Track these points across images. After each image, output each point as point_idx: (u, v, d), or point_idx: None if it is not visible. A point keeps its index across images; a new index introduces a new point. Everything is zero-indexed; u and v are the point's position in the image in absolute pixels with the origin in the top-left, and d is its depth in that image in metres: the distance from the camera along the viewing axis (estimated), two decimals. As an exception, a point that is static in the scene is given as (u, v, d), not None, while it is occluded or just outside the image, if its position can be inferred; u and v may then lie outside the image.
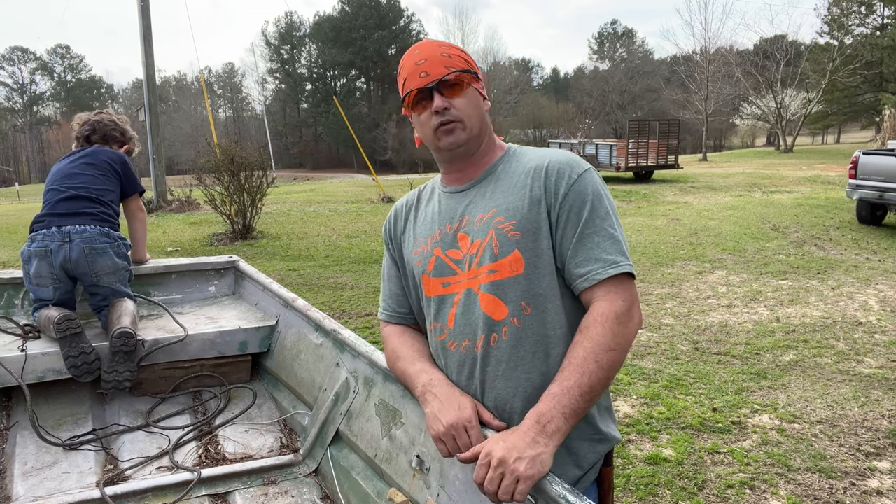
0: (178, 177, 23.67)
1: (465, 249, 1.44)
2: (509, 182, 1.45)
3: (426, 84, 1.41)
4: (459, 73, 1.43)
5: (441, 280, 1.47)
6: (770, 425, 3.88)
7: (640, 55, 70.77)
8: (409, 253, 1.56)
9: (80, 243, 2.73)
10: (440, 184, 1.58)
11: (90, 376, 2.44)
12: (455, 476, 1.57)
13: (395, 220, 1.65)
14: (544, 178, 1.40)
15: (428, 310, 1.52)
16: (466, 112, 1.43)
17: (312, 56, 67.75)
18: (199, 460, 2.26)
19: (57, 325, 2.43)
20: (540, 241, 1.37)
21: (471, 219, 1.45)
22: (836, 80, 34.88)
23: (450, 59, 1.43)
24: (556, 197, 1.38)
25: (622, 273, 1.33)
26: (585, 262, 1.34)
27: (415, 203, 1.62)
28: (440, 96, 1.41)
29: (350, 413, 2.10)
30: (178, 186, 17.32)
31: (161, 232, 11.82)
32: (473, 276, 1.41)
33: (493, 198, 1.44)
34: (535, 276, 1.37)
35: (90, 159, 3.02)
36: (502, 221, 1.40)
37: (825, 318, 5.98)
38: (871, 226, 10.82)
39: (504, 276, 1.37)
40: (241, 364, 2.78)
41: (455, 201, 1.50)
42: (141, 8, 15.37)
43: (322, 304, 6.62)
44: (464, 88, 1.44)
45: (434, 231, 1.51)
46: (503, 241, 1.38)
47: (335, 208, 15.91)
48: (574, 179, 1.38)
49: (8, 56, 68.20)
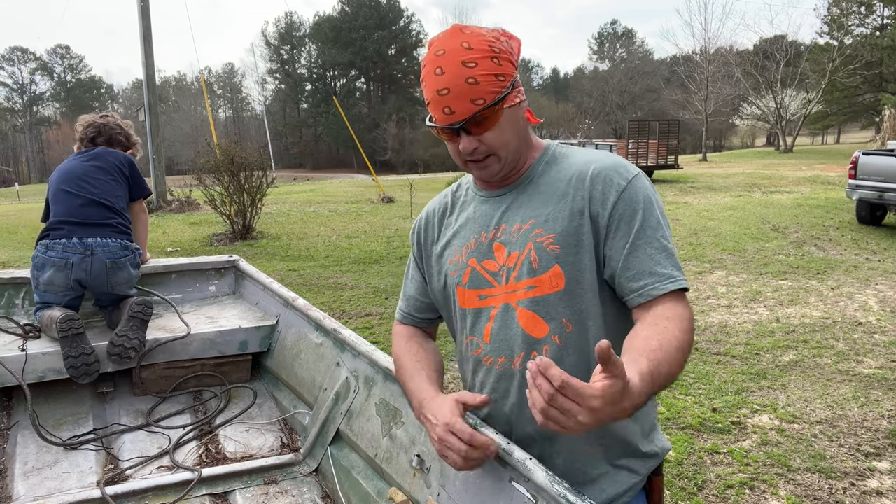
0: (177, 177, 23.67)
1: (501, 261, 1.34)
2: (548, 190, 1.33)
3: (450, 123, 1.25)
4: (490, 107, 1.24)
5: (477, 292, 1.38)
6: (770, 425, 3.89)
7: (640, 55, 70.82)
8: (444, 262, 1.46)
9: (102, 257, 2.75)
10: (473, 186, 1.46)
11: (88, 378, 2.45)
12: (455, 475, 1.57)
13: (426, 226, 1.54)
14: (589, 187, 1.28)
15: (462, 322, 1.43)
16: (500, 143, 1.28)
17: (312, 56, 67.78)
18: (199, 460, 2.26)
19: (60, 325, 2.44)
20: (581, 255, 1.27)
21: (507, 228, 1.35)
22: (835, 80, 34.90)
23: (476, 88, 1.22)
24: (605, 207, 1.26)
25: (679, 289, 1.23)
26: (639, 275, 1.23)
27: (448, 207, 1.51)
28: (468, 136, 1.26)
29: (350, 412, 2.10)
30: (178, 186, 17.31)
31: (161, 232, 11.82)
32: (511, 291, 1.33)
33: (531, 207, 1.33)
34: (577, 291, 1.28)
35: (99, 162, 3.01)
36: (541, 234, 1.29)
37: (825, 319, 5.98)
38: (871, 226, 10.82)
39: (544, 292, 1.29)
40: (241, 363, 2.78)
41: (490, 207, 1.40)
42: (141, 8, 15.37)
43: (322, 304, 6.62)
44: (495, 120, 1.26)
45: (469, 240, 1.40)
46: (542, 255, 1.28)
47: (335, 208, 15.91)
48: (623, 187, 1.26)
49: (8, 56, 68.25)
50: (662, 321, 1.18)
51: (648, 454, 1.38)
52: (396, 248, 10.00)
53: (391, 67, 65.66)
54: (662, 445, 1.41)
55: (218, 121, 67.09)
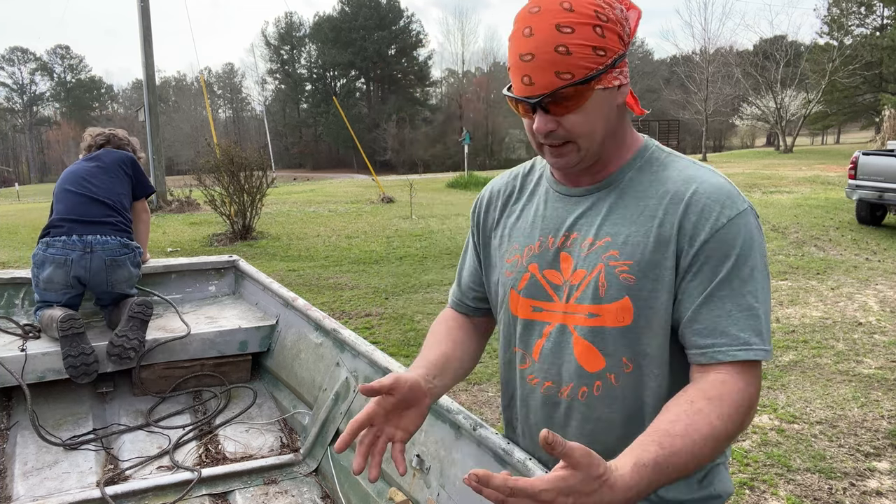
0: (177, 177, 23.67)
1: (566, 274, 1.16)
2: (635, 204, 1.12)
3: (528, 96, 1.05)
4: (577, 85, 1.03)
5: (532, 303, 1.21)
6: (770, 426, 3.89)
7: (640, 55, 70.79)
8: (500, 258, 1.28)
9: (101, 255, 2.76)
10: (549, 177, 1.24)
11: (87, 378, 2.45)
12: (455, 476, 1.57)
13: (488, 206, 1.34)
14: (682, 214, 1.07)
15: (512, 328, 1.26)
16: (582, 131, 1.07)
17: (312, 56, 67.79)
18: (199, 460, 2.26)
19: (60, 324, 2.44)
20: (658, 292, 1.08)
21: (578, 238, 1.15)
22: (835, 80, 34.90)
23: (566, 59, 1.01)
24: (693, 242, 1.06)
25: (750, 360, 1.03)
26: (708, 332, 1.05)
27: (516, 191, 1.30)
28: (544, 115, 1.05)
29: (350, 412, 2.10)
30: (178, 187, 17.30)
31: (161, 232, 11.82)
32: (571, 312, 1.15)
33: (611, 220, 1.13)
34: (645, 332, 1.10)
35: (101, 161, 3.06)
36: (616, 258, 1.10)
37: (825, 319, 5.98)
38: (871, 226, 10.82)
39: (606, 324, 1.11)
40: (241, 364, 2.78)
41: (564, 206, 1.19)
42: (141, 8, 15.37)
43: (322, 305, 6.62)
44: (583, 100, 1.04)
45: (533, 241, 1.21)
46: (612, 282, 1.10)
47: (335, 209, 15.91)
48: (721, 224, 1.05)
49: (8, 56, 68.26)
50: (703, 400, 1.00)
51: (702, 499, 1.19)
52: (396, 248, 10.00)
53: (391, 67, 65.65)
54: (723, 488, 1.20)
55: (218, 121, 67.15)
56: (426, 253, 9.55)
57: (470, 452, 1.54)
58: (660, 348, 1.11)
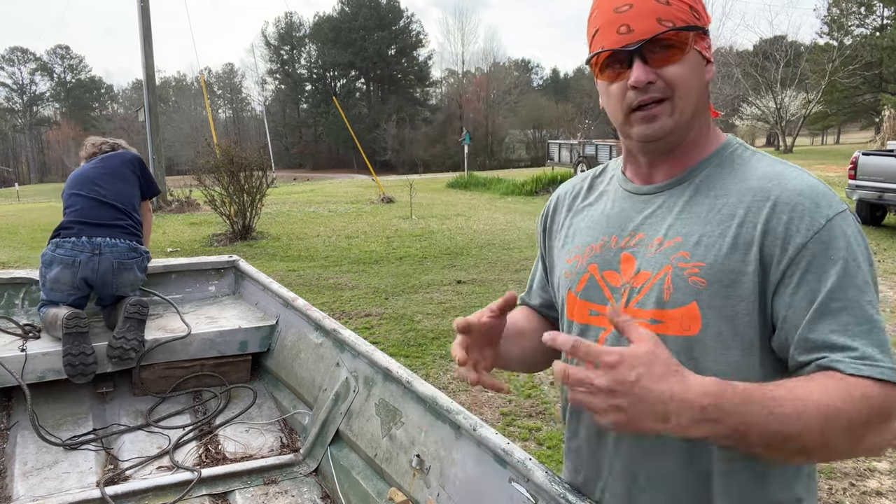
0: (177, 177, 23.67)
1: (626, 276, 1.07)
2: (712, 201, 1.02)
3: (626, 45, 0.98)
4: (680, 30, 0.98)
5: (588, 306, 1.12)
6: (770, 425, 3.89)
7: (640, 56, 70.72)
8: (561, 259, 1.20)
9: (110, 257, 2.79)
10: (621, 176, 1.17)
11: (84, 378, 2.45)
12: (455, 475, 1.57)
13: (556, 209, 1.28)
14: (768, 213, 0.95)
15: (568, 333, 1.14)
16: (682, 87, 0.99)
17: (312, 56, 67.80)
18: (199, 460, 2.26)
19: (66, 321, 2.45)
20: (733, 300, 0.96)
21: (645, 239, 1.06)
22: (835, 80, 34.91)
23: (667, 8, 0.98)
24: (787, 246, 0.93)
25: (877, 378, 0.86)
26: (822, 349, 0.90)
27: (583, 191, 1.23)
28: (643, 65, 0.98)
29: (350, 413, 2.10)
30: (178, 187, 17.31)
31: (161, 232, 11.81)
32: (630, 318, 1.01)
33: (682, 219, 1.03)
34: (715, 345, 0.97)
35: (110, 163, 3.11)
36: (685, 259, 1.00)
37: (825, 319, 5.98)
38: (871, 226, 10.82)
39: (670, 332, 0.99)
40: (241, 364, 2.78)
41: (632, 206, 1.11)
42: (141, 8, 15.38)
43: (322, 305, 6.62)
44: (684, 53, 0.98)
45: (596, 240, 1.13)
46: (679, 286, 0.99)
47: (335, 209, 15.91)
48: (820, 226, 0.93)
49: (8, 56, 68.24)
50: (829, 380, 0.86)
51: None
52: (396, 249, 10.00)
53: (391, 68, 65.64)
54: (797, 496, 1.03)
55: (218, 121, 67.16)
56: (426, 253, 9.55)
57: (470, 452, 1.54)
58: (736, 366, 0.97)
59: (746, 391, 0.84)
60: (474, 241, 10.47)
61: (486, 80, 60.57)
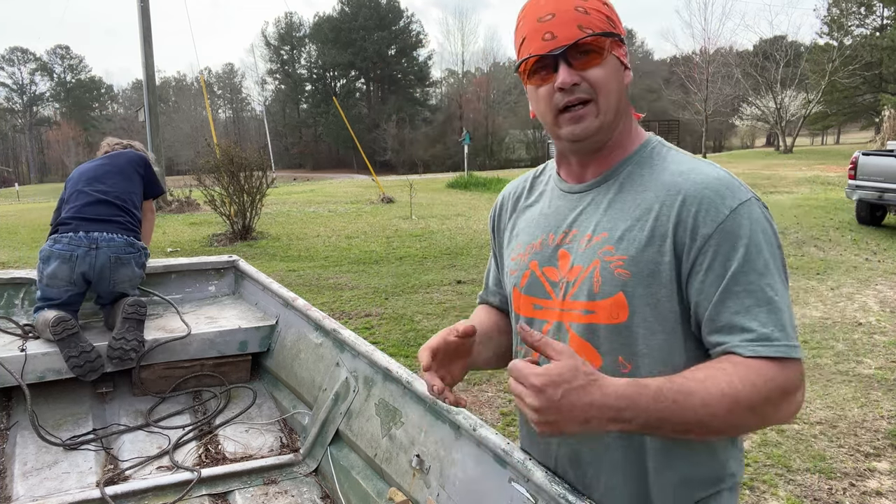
0: (177, 177, 23.67)
1: (563, 271, 1.16)
2: (633, 197, 1.11)
3: (551, 50, 1.07)
4: (599, 36, 1.07)
5: (532, 300, 1.21)
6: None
7: (640, 56, 70.81)
8: (507, 257, 1.31)
9: (107, 252, 2.79)
10: (556, 176, 1.26)
11: (94, 374, 2.45)
12: (455, 475, 1.57)
13: (501, 209, 1.39)
14: (679, 207, 1.05)
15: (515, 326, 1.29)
16: (604, 88, 1.08)
17: (312, 57, 67.79)
18: (199, 460, 2.26)
19: (52, 328, 2.45)
20: (655, 288, 1.06)
21: (577, 235, 1.16)
22: (835, 80, 34.91)
23: (587, 17, 1.07)
24: (696, 236, 1.03)
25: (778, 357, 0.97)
26: (726, 329, 1.00)
27: (525, 192, 1.33)
28: (568, 68, 1.07)
29: (350, 413, 2.10)
30: (178, 187, 17.31)
31: (161, 232, 11.81)
32: (567, 309, 1.14)
33: (608, 215, 1.12)
34: (642, 329, 1.07)
35: (115, 160, 3.12)
36: (611, 253, 1.09)
37: (825, 319, 5.98)
38: (871, 226, 10.82)
39: (601, 321, 1.09)
40: (241, 364, 2.78)
41: (566, 204, 1.20)
42: (141, 8, 15.37)
43: (322, 305, 6.62)
44: (603, 56, 1.08)
45: (536, 238, 1.23)
46: (607, 278, 1.08)
47: (335, 209, 15.91)
48: (725, 216, 1.02)
49: (8, 56, 68.24)
50: (729, 364, 0.97)
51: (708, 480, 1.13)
52: (396, 249, 10.00)
53: (391, 68, 65.63)
54: (731, 471, 1.14)
55: (218, 121, 67.14)
56: (426, 253, 9.55)
57: (470, 452, 1.54)
58: (661, 348, 1.07)
59: (658, 390, 0.93)
60: (474, 241, 10.47)
61: (486, 80, 60.54)
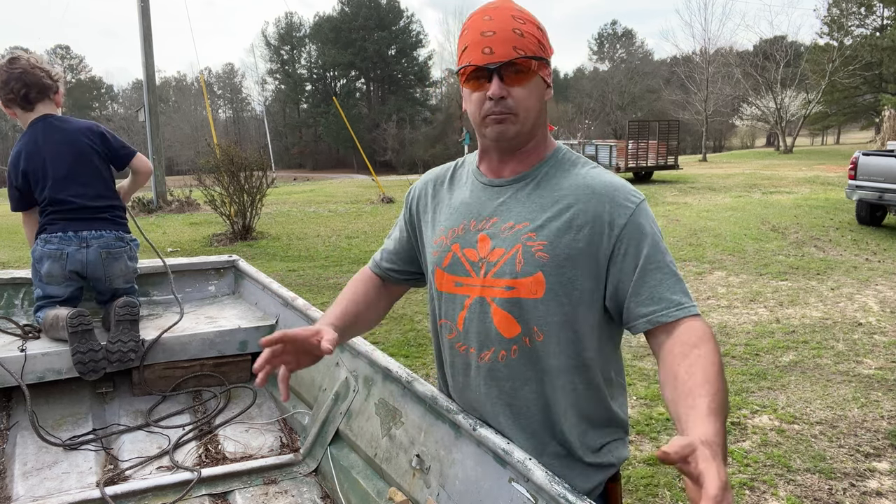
0: (177, 177, 23.68)
1: (482, 252, 1.34)
2: (550, 193, 1.32)
3: (487, 63, 1.25)
4: (528, 58, 1.26)
5: (454, 279, 1.38)
6: (769, 426, 3.89)
7: (640, 56, 70.82)
8: (428, 240, 1.48)
9: (97, 248, 2.78)
10: (476, 170, 1.44)
11: (95, 374, 2.45)
12: (455, 475, 1.57)
13: (421, 194, 1.54)
14: (595, 204, 1.28)
15: (438, 303, 1.45)
16: (524, 105, 1.28)
17: (312, 57, 67.78)
18: (199, 460, 2.26)
19: (70, 320, 2.44)
20: (568, 269, 1.27)
21: (498, 223, 1.34)
22: (835, 80, 34.93)
23: (521, 39, 1.25)
24: (613, 227, 1.26)
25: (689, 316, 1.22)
26: (648, 301, 1.23)
27: (447, 181, 1.50)
28: (499, 82, 1.25)
29: (350, 412, 2.10)
30: (178, 187, 17.32)
31: (161, 232, 11.82)
32: (489, 286, 1.32)
33: (529, 207, 1.33)
34: (555, 303, 1.28)
35: (72, 145, 2.84)
36: (532, 238, 1.29)
37: (825, 319, 5.98)
38: (871, 226, 10.82)
39: (521, 295, 1.29)
40: (240, 363, 2.78)
41: (487, 196, 1.39)
42: (141, 8, 15.37)
43: (322, 305, 6.62)
44: (528, 78, 1.27)
45: (458, 224, 1.40)
46: (528, 259, 1.28)
47: (335, 209, 15.91)
48: (632, 211, 1.27)
49: (8, 56, 68.15)
50: (692, 350, 1.15)
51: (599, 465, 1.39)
52: (396, 249, 10.00)
53: (391, 68, 65.63)
54: (619, 456, 1.42)
55: (218, 121, 67.12)
56: (426, 253, 9.54)
57: (470, 452, 1.54)
58: (570, 317, 1.29)
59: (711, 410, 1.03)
60: (474, 242, 10.46)
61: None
